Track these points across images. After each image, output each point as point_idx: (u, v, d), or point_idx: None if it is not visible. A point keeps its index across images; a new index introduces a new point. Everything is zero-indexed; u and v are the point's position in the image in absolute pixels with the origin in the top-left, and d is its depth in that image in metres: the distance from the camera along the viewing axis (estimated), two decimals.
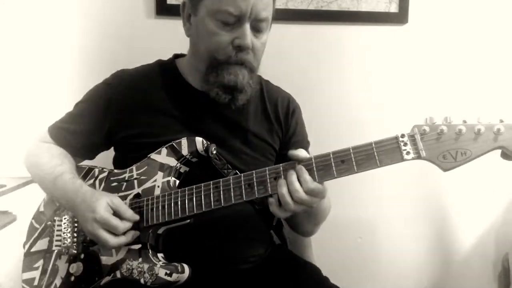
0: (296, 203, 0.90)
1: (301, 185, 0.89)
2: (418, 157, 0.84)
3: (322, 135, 1.26)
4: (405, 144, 0.84)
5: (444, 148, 0.82)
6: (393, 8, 1.75)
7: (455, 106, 1.83)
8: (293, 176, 0.90)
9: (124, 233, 0.99)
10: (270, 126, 1.18)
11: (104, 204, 0.98)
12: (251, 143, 1.14)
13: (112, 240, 0.98)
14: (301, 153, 0.92)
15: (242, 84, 1.06)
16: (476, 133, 0.80)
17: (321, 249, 1.41)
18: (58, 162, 1.12)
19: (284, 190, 0.90)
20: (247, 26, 1.02)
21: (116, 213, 0.99)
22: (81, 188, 1.05)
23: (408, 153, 0.84)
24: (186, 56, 1.18)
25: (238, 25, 1.02)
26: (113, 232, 0.98)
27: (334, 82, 1.79)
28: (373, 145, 0.86)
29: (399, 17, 1.76)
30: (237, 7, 0.99)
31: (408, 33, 1.79)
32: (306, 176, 0.89)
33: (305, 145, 1.23)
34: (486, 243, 1.96)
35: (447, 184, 1.88)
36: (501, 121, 0.79)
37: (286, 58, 1.71)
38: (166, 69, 1.18)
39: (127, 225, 0.99)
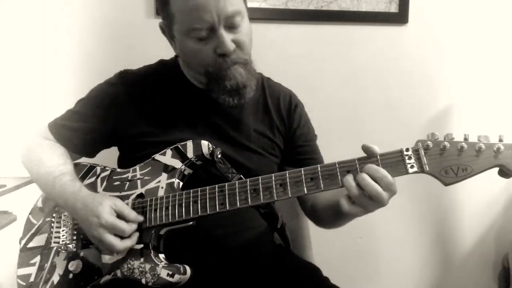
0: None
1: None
2: (422, 171, 0.86)
3: (321, 135, 1.26)
4: (409, 158, 0.86)
5: (447, 163, 0.84)
6: (393, 8, 1.75)
7: (455, 106, 1.83)
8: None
9: (129, 236, 0.99)
10: (271, 122, 1.18)
11: (107, 208, 0.98)
12: (253, 139, 1.15)
13: (119, 244, 0.97)
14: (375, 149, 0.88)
15: (242, 81, 1.06)
16: (477, 150, 0.83)
17: (321, 249, 1.41)
18: (61, 161, 1.11)
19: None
20: (222, 33, 1.01)
21: (119, 216, 0.99)
22: (80, 192, 1.04)
23: (412, 166, 0.86)
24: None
25: (213, 34, 1.01)
26: (120, 235, 0.98)
27: (334, 82, 1.79)
28: (378, 157, 0.87)
29: (399, 17, 1.76)
30: (203, 21, 0.99)
31: (408, 33, 1.79)
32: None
33: (312, 137, 1.24)
34: (486, 243, 1.96)
35: None
36: (501, 140, 0.82)
37: (286, 58, 1.71)
38: (169, 69, 1.18)
39: (133, 227, 0.99)
